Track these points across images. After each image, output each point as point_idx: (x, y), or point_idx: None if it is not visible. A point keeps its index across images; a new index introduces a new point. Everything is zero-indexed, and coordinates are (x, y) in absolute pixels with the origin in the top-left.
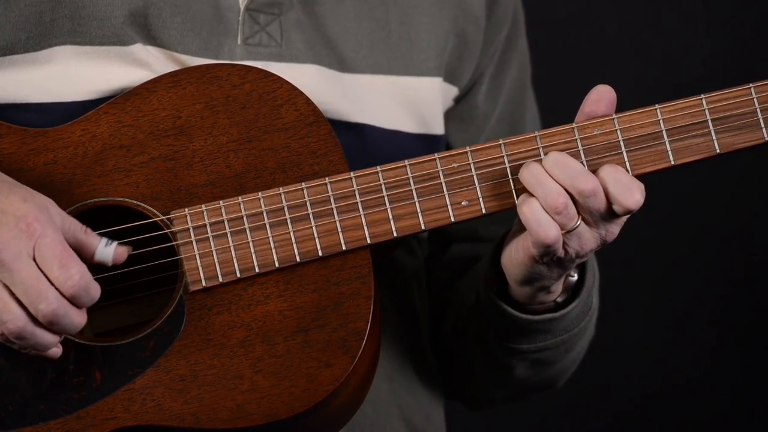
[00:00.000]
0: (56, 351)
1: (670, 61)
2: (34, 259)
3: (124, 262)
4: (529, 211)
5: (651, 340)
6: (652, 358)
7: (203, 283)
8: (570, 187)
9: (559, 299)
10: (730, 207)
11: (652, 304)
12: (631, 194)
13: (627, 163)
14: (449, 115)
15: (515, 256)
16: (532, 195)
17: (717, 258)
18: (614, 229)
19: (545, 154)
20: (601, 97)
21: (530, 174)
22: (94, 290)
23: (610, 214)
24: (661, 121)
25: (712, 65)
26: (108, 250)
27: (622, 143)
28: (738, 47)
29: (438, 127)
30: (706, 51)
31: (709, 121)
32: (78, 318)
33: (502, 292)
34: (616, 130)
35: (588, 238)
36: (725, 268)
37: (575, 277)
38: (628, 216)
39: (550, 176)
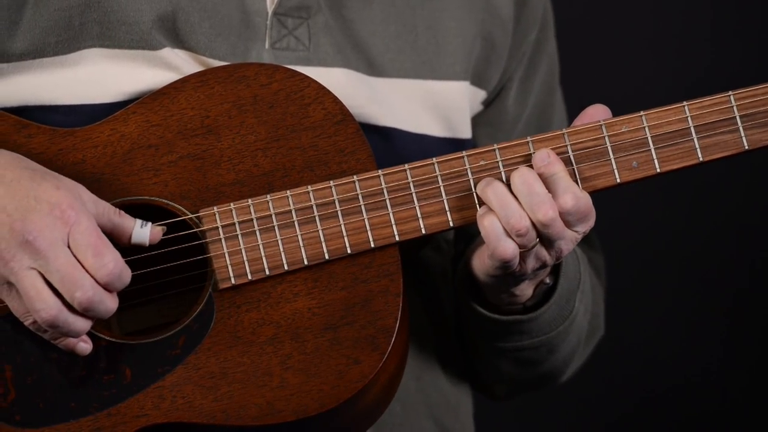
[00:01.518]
0: (85, 347)
1: (697, 58)
2: (69, 246)
3: (154, 260)
4: (490, 225)
5: (666, 335)
6: (670, 353)
7: (232, 281)
8: (529, 214)
9: (528, 303)
10: (743, 204)
11: (665, 299)
12: (587, 221)
13: (655, 160)
14: (478, 120)
15: (476, 262)
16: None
17: (730, 254)
18: (569, 246)
19: (573, 152)
20: (596, 115)
21: (493, 193)
22: (127, 276)
23: (567, 236)
24: (689, 118)
25: (738, 62)
26: (144, 231)
27: (650, 140)
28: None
29: (465, 131)
30: (733, 48)
31: (738, 118)
32: (112, 303)
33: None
34: (644, 127)
35: (543, 256)
36: (738, 264)
37: (549, 284)
38: (583, 235)
39: (514, 196)
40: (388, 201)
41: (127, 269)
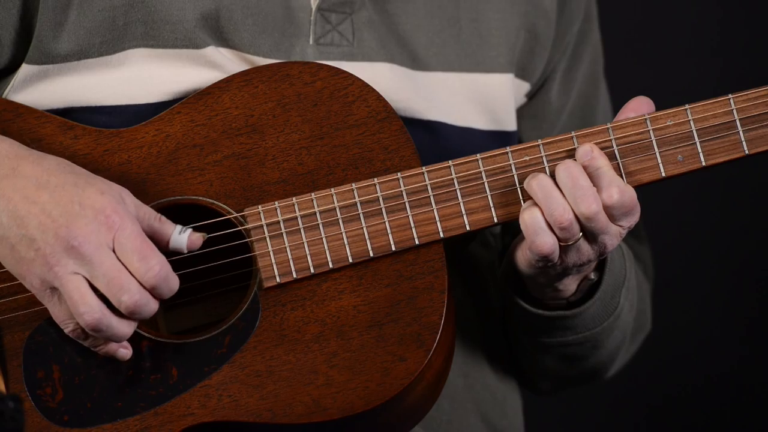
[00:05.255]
0: (126, 353)
1: (742, 51)
2: (114, 251)
3: (199, 259)
4: (530, 219)
5: (699, 330)
6: (702, 348)
7: (277, 279)
8: (572, 207)
9: (572, 298)
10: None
11: (688, 297)
12: (632, 215)
13: (701, 153)
14: (522, 113)
15: (519, 255)
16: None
17: (755, 252)
18: (613, 241)
19: (618, 146)
20: (639, 107)
21: (538, 186)
22: (173, 281)
23: (611, 230)
24: (734, 111)
25: None
26: (182, 238)
27: (695, 133)
28: None
29: (510, 124)
30: None
31: None
32: (155, 306)
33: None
34: (689, 120)
35: (586, 251)
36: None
37: (594, 279)
38: (627, 230)
39: (559, 189)
40: (432, 198)
41: (174, 275)
